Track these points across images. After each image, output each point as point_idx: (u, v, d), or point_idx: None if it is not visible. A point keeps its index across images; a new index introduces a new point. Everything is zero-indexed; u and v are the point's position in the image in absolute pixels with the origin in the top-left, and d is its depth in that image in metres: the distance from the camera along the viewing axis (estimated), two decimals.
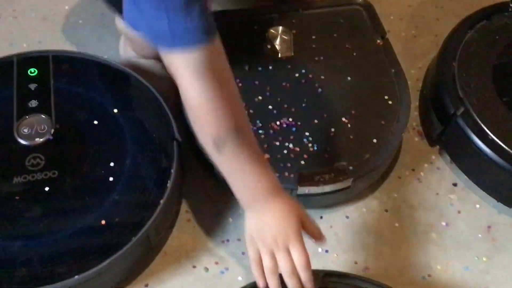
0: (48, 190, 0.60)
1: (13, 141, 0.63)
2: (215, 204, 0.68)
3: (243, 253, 0.64)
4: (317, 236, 0.55)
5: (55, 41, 0.81)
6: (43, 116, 0.65)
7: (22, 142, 0.63)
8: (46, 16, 0.84)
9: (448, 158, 0.74)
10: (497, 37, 0.78)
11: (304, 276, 0.51)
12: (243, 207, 0.55)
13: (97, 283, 0.57)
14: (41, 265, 0.56)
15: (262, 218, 0.53)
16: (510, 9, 0.80)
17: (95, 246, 0.57)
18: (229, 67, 0.51)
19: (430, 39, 0.88)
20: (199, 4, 0.46)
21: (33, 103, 0.66)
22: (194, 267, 0.64)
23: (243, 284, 0.59)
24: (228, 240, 0.66)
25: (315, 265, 0.55)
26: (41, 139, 0.63)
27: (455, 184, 0.73)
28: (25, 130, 0.64)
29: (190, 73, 0.48)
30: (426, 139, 0.77)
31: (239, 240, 0.65)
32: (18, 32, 0.83)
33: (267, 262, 0.52)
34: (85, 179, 0.61)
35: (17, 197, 0.59)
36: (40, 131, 0.64)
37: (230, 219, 0.67)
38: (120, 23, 0.71)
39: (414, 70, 0.84)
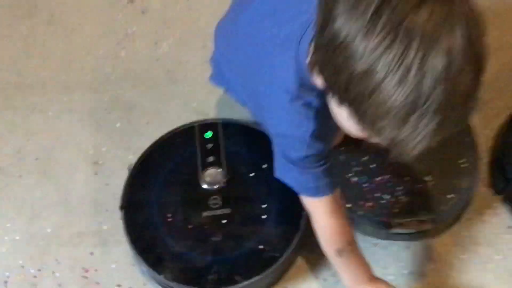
0: (225, 222, 0.91)
1: (199, 186, 0.94)
2: None
3: None
4: None
5: (223, 110, 1.10)
6: (218, 169, 0.95)
7: (205, 187, 0.94)
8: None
9: (509, 206, 0.97)
10: None
11: None
12: None
13: (258, 286, 0.88)
14: (223, 273, 0.87)
15: None
16: None
17: (256, 261, 0.88)
18: (341, 202, 0.78)
19: (505, 102, 1.08)
20: (328, 167, 0.74)
21: (211, 159, 0.96)
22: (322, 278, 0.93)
23: None
24: None
25: None
26: (217, 186, 0.94)
27: (510, 227, 0.96)
28: (207, 179, 0.95)
29: (322, 210, 0.77)
30: (492, 188, 1.00)
31: None
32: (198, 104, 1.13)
33: None
34: (248, 215, 0.92)
35: (206, 226, 0.91)
36: (216, 180, 0.95)
37: None
38: None
39: (488, 130, 1.05)
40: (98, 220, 1.00)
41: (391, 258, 0.93)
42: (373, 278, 0.82)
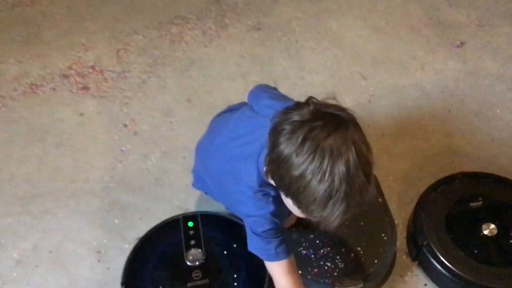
0: None
1: (185, 263, 1.20)
2: None
3: None
4: None
5: (200, 206, 1.39)
6: (199, 250, 1.22)
7: (189, 264, 1.20)
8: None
9: (422, 269, 1.26)
10: (450, 196, 1.31)
11: None
12: None
13: None
14: None
15: None
16: (458, 180, 1.34)
17: None
18: (295, 266, 1.05)
19: (415, 191, 1.41)
20: (284, 238, 1.02)
21: (192, 242, 1.23)
22: None
23: None
24: None
25: None
26: (198, 262, 1.20)
27: (425, 284, 1.24)
28: (190, 257, 1.21)
29: (281, 271, 1.03)
30: (409, 256, 1.29)
31: None
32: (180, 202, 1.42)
33: None
34: (223, 283, 1.17)
35: None
36: (197, 258, 1.21)
37: None
38: None
39: (405, 213, 1.37)
40: None
41: None
42: None
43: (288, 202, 0.94)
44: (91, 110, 1.65)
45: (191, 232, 1.26)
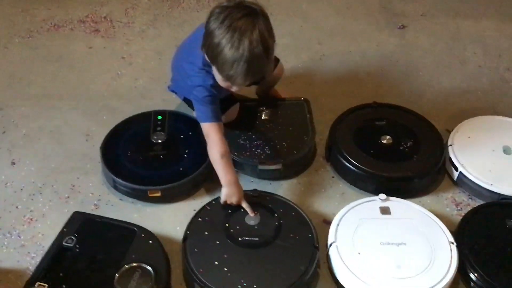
0: (162, 158, 1.51)
1: (150, 140, 1.54)
2: None
3: None
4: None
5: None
6: (162, 133, 1.56)
7: (153, 141, 1.54)
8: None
9: (332, 167, 1.58)
10: (361, 117, 1.64)
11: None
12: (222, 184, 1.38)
13: (175, 191, 1.44)
14: (155, 179, 1.44)
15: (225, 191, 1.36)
16: (371, 107, 1.67)
17: (172, 174, 1.45)
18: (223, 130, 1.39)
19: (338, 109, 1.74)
20: (218, 107, 1.38)
21: (159, 128, 1.58)
22: None
23: None
24: None
25: None
26: (160, 141, 1.55)
27: (333, 176, 1.56)
28: (154, 137, 1.55)
29: (214, 129, 1.34)
30: (324, 158, 1.61)
31: None
32: (156, 108, 1.78)
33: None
34: (176, 154, 1.51)
35: (150, 158, 1.50)
36: (160, 137, 1.56)
37: None
38: None
39: (324, 125, 1.70)
40: (84, 162, 1.57)
41: (259, 189, 1.50)
42: (238, 182, 1.38)
43: (214, 70, 1.30)
44: (98, 45, 2.04)
45: (159, 123, 1.61)
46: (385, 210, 1.35)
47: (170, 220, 1.41)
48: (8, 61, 1.95)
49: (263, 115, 1.65)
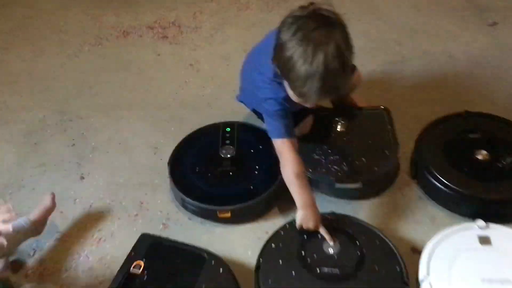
0: (231, 175, 1.40)
1: (218, 155, 1.43)
2: None
3: None
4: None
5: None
6: (231, 147, 1.46)
7: (222, 155, 1.44)
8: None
9: (418, 186, 1.41)
10: (452, 127, 1.45)
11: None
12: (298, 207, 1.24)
13: (247, 211, 1.33)
14: (226, 199, 1.34)
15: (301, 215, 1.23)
16: (462, 116, 1.48)
17: (248, 194, 1.34)
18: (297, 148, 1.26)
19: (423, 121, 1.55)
20: (291, 122, 1.25)
21: (227, 142, 1.47)
22: None
23: None
24: None
25: None
26: (229, 155, 1.43)
27: (420, 197, 1.38)
28: (223, 151, 1.45)
29: (287, 146, 1.23)
30: (410, 175, 1.44)
31: None
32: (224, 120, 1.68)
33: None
34: (246, 171, 1.40)
35: (219, 176, 1.40)
36: (229, 152, 1.45)
37: None
38: None
39: (409, 139, 1.52)
40: (152, 177, 1.50)
41: (337, 209, 1.36)
42: (315, 205, 1.25)
43: (286, 85, 1.17)
44: (166, 52, 1.97)
45: (228, 135, 1.50)
46: (485, 240, 1.17)
47: (241, 243, 1.30)
48: (79, 70, 1.92)
49: (338, 127, 1.50)
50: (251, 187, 1.36)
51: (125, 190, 1.47)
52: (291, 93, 1.18)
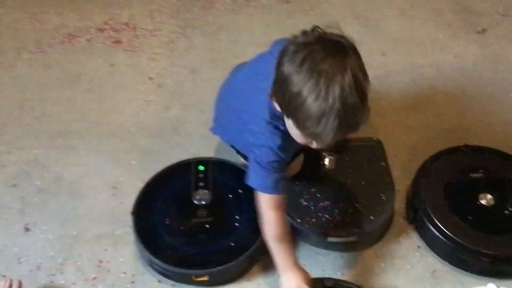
0: (208, 227, 1.20)
1: (192, 202, 1.23)
2: None
3: None
4: None
5: (213, 154, 1.44)
6: (206, 191, 1.26)
7: (196, 202, 1.23)
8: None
9: (416, 232, 1.27)
10: (451, 165, 1.31)
11: None
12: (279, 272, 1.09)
13: (228, 272, 1.15)
14: (203, 259, 1.14)
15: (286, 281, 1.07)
16: (461, 151, 1.34)
17: (228, 253, 1.15)
18: (284, 205, 1.07)
19: (420, 163, 1.40)
20: (284, 176, 1.05)
21: (201, 184, 1.26)
22: None
23: None
24: None
25: None
26: (204, 202, 1.24)
27: (419, 246, 1.25)
28: (197, 197, 1.24)
29: (271, 204, 1.05)
30: (406, 220, 1.30)
31: None
32: (195, 150, 1.47)
33: None
34: (225, 223, 1.21)
35: (193, 229, 1.20)
36: (204, 198, 1.25)
37: None
38: None
39: (407, 180, 1.37)
40: (112, 227, 1.28)
41: (329, 263, 1.21)
42: (297, 264, 1.09)
43: (290, 124, 0.96)
44: (121, 62, 1.71)
45: (201, 175, 1.30)
46: None
47: None
48: (17, 85, 1.63)
49: (326, 163, 1.32)
50: (231, 243, 1.18)
51: (80, 245, 1.25)
52: (295, 133, 0.97)
